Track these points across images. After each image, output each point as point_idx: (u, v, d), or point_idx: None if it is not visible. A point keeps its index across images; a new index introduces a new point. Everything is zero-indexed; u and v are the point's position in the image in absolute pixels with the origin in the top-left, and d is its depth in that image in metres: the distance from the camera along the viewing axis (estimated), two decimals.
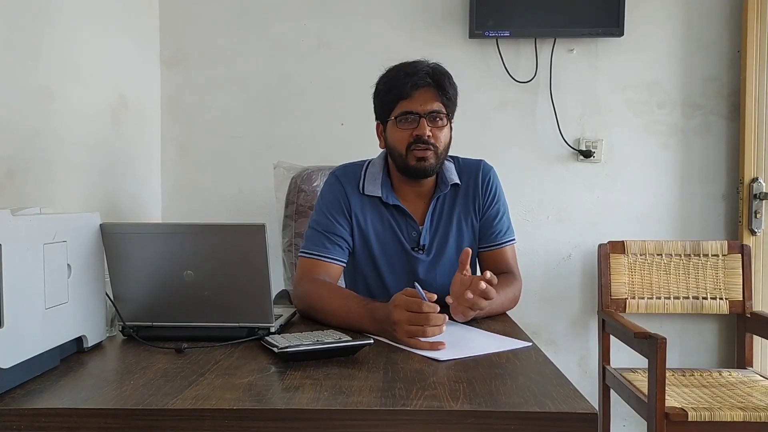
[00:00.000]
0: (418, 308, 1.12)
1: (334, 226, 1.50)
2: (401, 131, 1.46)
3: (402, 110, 1.45)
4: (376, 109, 1.54)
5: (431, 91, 1.45)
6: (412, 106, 1.44)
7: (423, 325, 1.11)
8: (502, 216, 1.57)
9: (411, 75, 1.44)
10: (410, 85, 1.43)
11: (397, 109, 1.46)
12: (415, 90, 1.44)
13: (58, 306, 1.00)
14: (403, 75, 1.45)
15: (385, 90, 1.48)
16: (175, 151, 2.46)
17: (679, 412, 1.76)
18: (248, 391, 0.87)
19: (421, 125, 1.43)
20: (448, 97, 1.47)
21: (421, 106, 1.44)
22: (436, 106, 1.45)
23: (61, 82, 1.73)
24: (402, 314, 1.13)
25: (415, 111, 1.44)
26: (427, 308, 1.12)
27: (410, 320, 1.12)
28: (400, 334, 1.13)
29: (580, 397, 0.84)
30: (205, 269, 1.13)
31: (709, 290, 2.28)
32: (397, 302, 1.15)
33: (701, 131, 2.40)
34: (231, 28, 2.43)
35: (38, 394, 0.87)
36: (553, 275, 2.45)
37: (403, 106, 1.45)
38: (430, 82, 1.44)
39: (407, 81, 1.44)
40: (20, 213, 0.93)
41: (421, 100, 1.44)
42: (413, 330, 1.12)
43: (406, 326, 1.12)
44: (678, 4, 2.38)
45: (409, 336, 1.12)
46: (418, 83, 1.44)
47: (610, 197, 2.43)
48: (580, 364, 2.45)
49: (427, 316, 1.11)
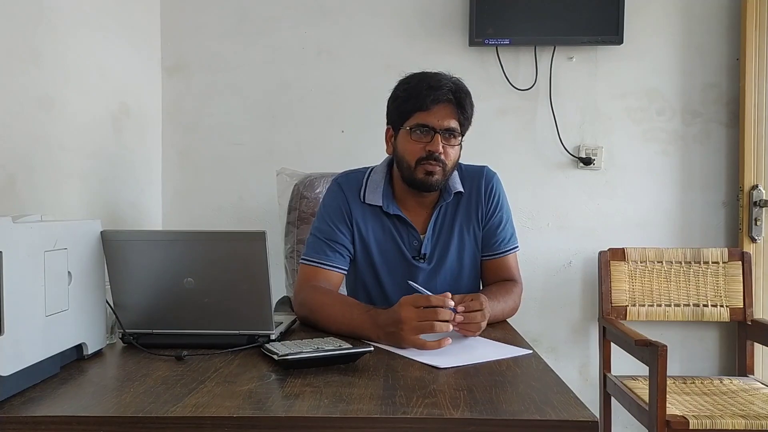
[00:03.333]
0: (426, 302, 1.12)
1: (335, 234, 1.50)
2: (414, 143, 1.43)
3: (418, 122, 1.42)
4: (389, 113, 1.50)
5: (451, 107, 1.42)
6: (429, 120, 1.41)
7: (431, 320, 1.11)
8: (506, 224, 1.56)
9: (434, 88, 1.40)
10: (432, 99, 1.40)
11: (413, 120, 1.43)
12: (435, 104, 1.41)
13: (58, 313, 0.99)
14: (426, 87, 1.41)
15: (404, 97, 1.44)
16: (175, 158, 2.47)
17: (680, 419, 1.76)
18: (248, 398, 0.87)
19: (435, 141, 1.41)
20: (465, 116, 1.44)
21: (439, 122, 1.41)
22: (453, 124, 1.43)
23: (62, 90, 1.74)
24: (410, 311, 1.13)
25: (432, 125, 1.41)
26: (436, 301, 1.12)
27: (419, 316, 1.12)
28: (406, 333, 1.12)
29: (580, 405, 0.84)
30: (206, 277, 1.13)
31: (710, 298, 2.27)
32: (404, 301, 1.15)
33: (701, 138, 2.41)
34: (232, 35, 2.44)
35: (38, 402, 0.87)
36: (554, 282, 2.44)
37: (420, 117, 1.42)
38: (451, 99, 1.41)
39: (429, 94, 1.40)
40: (21, 220, 0.93)
41: (439, 115, 1.41)
42: (422, 326, 1.11)
43: (414, 323, 1.12)
44: (677, 12, 2.39)
45: (417, 333, 1.11)
46: (440, 98, 1.40)
47: (610, 204, 2.43)
48: (580, 372, 2.45)
49: (435, 310, 1.11)
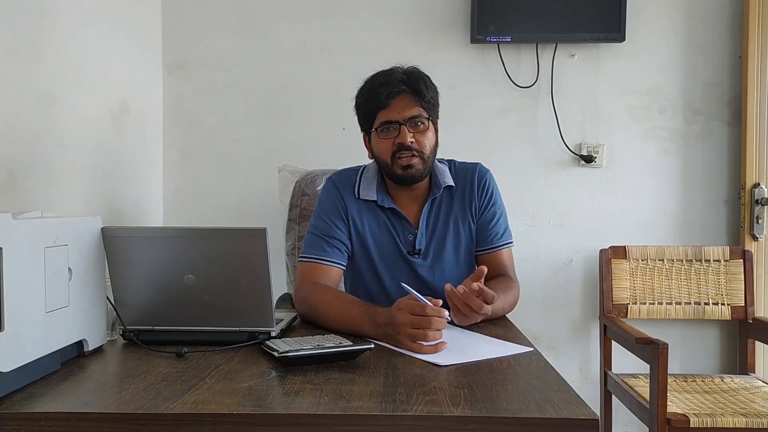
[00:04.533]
0: (421, 311, 1.13)
1: (332, 230, 1.51)
2: (384, 141, 1.47)
3: (382, 120, 1.46)
4: (359, 121, 1.55)
5: (408, 97, 1.45)
6: (390, 115, 1.45)
7: (425, 329, 1.12)
8: (499, 218, 1.57)
9: (385, 84, 1.44)
10: (386, 95, 1.44)
11: (377, 120, 1.47)
12: (391, 99, 1.44)
13: (58, 310, 1.00)
14: (378, 85, 1.45)
15: (364, 102, 1.49)
16: (176, 155, 2.47)
17: (681, 418, 1.76)
18: (248, 395, 0.87)
19: (402, 133, 1.44)
20: (426, 101, 1.46)
21: (400, 114, 1.44)
22: (415, 111, 1.45)
23: (63, 87, 1.74)
24: (405, 317, 1.14)
25: (394, 119, 1.44)
26: (431, 311, 1.13)
27: (413, 323, 1.13)
28: (402, 337, 1.13)
29: (581, 403, 0.84)
30: (206, 273, 1.13)
31: (711, 296, 2.27)
32: (401, 306, 1.16)
33: (703, 137, 2.40)
34: (233, 33, 2.43)
35: (38, 398, 0.87)
36: (555, 280, 2.44)
37: (383, 116, 1.46)
38: (405, 89, 1.45)
39: (382, 90, 1.44)
40: (22, 217, 0.93)
41: (398, 107, 1.44)
42: (415, 333, 1.12)
43: (408, 329, 1.13)
44: (679, 10, 2.38)
45: (412, 339, 1.12)
46: (393, 91, 1.44)
47: (611, 202, 2.42)
48: (581, 370, 2.45)
49: (429, 320, 1.12)
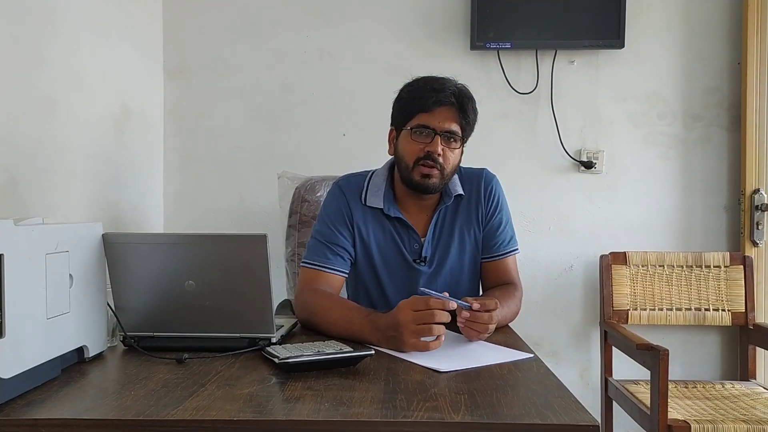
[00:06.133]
0: (424, 305, 1.14)
1: (336, 237, 1.50)
2: (414, 143, 1.45)
3: (419, 123, 1.44)
4: (393, 114, 1.53)
5: (452, 110, 1.44)
6: (430, 121, 1.43)
7: (429, 323, 1.12)
8: (505, 226, 1.57)
9: (437, 90, 1.43)
10: (434, 100, 1.42)
11: (415, 120, 1.45)
12: (437, 106, 1.43)
13: (59, 316, 1.00)
14: (429, 89, 1.44)
15: (408, 99, 1.47)
16: (177, 161, 2.47)
17: (681, 424, 1.75)
18: (249, 402, 0.87)
19: (434, 142, 1.43)
20: (467, 121, 1.46)
21: (440, 123, 1.43)
22: (454, 127, 1.44)
23: (64, 92, 1.74)
24: (408, 315, 1.14)
25: (432, 126, 1.43)
26: (434, 304, 1.13)
27: (416, 319, 1.13)
28: (406, 337, 1.13)
29: (581, 409, 0.84)
30: (207, 279, 1.13)
31: (712, 302, 2.27)
32: (402, 305, 1.17)
33: (702, 142, 2.40)
34: (234, 38, 2.44)
35: (39, 405, 0.87)
36: (555, 286, 2.44)
37: (422, 119, 1.44)
38: (453, 102, 1.43)
39: (431, 95, 1.42)
40: (22, 223, 0.93)
41: (440, 117, 1.43)
42: (420, 329, 1.12)
43: (412, 326, 1.13)
44: (678, 16, 2.39)
45: (416, 336, 1.13)
46: (442, 100, 1.42)
47: (611, 208, 2.43)
48: (582, 376, 2.44)
49: (432, 313, 1.13)
